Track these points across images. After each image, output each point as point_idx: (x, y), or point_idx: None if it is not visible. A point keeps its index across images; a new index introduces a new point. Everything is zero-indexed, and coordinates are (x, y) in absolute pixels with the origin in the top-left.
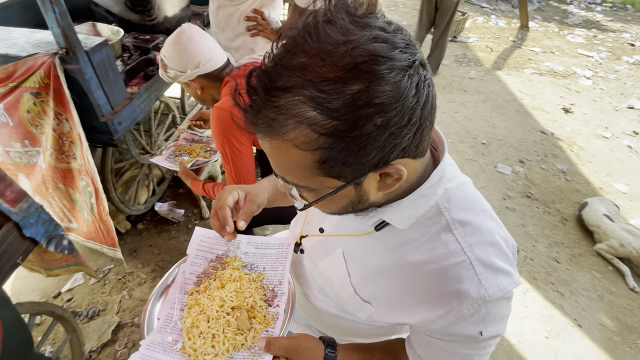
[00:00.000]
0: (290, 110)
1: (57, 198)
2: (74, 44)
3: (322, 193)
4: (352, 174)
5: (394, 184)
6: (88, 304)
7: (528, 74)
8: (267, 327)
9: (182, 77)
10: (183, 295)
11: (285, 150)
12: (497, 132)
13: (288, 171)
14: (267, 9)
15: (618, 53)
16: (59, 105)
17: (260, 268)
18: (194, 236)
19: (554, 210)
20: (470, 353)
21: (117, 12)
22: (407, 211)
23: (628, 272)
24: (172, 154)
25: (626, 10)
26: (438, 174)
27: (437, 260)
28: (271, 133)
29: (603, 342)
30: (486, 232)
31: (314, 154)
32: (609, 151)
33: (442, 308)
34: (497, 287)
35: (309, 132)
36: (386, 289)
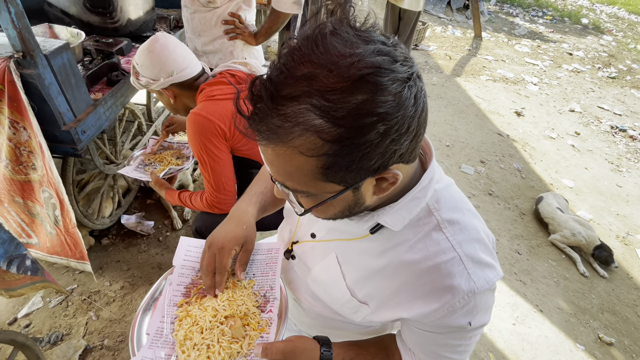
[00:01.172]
0: (296, 118)
1: (14, 212)
2: (32, 47)
3: (322, 198)
4: (353, 179)
5: (388, 187)
6: (49, 329)
7: (483, 81)
8: (261, 333)
9: (154, 85)
10: (172, 307)
11: (289, 157)
12: (459, 135)
13: (289, 177)
14: (243, 12)
15: (559, 61)
16: (15, 112)
17: (250, 274)
18: (180, 246)
19: (513, 206)
20: (459, 343)
21: (75, 14)
22: (400, 214)
23: (578, 259)
24: (142, 163)
25: (564, 22)
26: (428, 176)
27: (430, 258)
28: (276, 140)
29: (561, 324)
30: (472, 229)
31: (318, 160)
32: (556, 150)
33: (436, 302)
34: (484, 280)
35: (315, 139)
36: (383, 289)
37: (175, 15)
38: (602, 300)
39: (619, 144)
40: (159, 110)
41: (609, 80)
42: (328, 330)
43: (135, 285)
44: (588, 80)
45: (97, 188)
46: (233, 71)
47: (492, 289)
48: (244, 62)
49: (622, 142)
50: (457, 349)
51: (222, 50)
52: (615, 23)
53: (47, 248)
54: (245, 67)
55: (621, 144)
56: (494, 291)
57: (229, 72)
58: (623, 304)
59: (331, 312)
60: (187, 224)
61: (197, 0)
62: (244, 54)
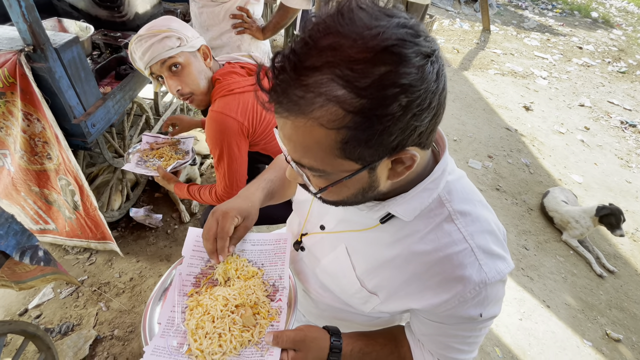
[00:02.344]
0: (319, 88)
1: (31, 201)
2: (43, 41)
3: (337, 177)
4: (371, 156)
5: (403, 172)
6: (60, 320)
7: (492, 74)
8: (271, 321)
9: (195, 41)
10: (182, 297)
11: (309, 130)
12: (466, 130)
13: (306, 153)
14: (251, 6)
15: (569, 55)
16: (29, 105)
17: (259, 264)
18: (189, 237)
19: (520, 201)
20: (469, 334)
21: (83, 8)
22: (412, 204)
23: (593, 260)
24: (141, 159)
25: (574, 16)
26: (440, 167)
27: (441, 249)
28: (297, 112)
29: (569, 320)
30: (484, 221)
31: (338, 133)
32: (565, 145)
33: (447, 293)
34: (496, 271)
35: (337, 109)
36: (393, 279)
37: (182, 9)
38: (610, 297)
39: (628, 140)
40: (167, 105)
41: (618, 75)
42: (337, 322)
43: (144, 277)
44: (598, 75)
45: (106, 181)
46: (242, 63)
47: (503, 281)
48: (248, 54)
49: (632, 137)
50: (466, 341)
51: (230, 44)
52: (624, 17)
53: (67, 232)
54: (250, 59)
55: (631, 139)
56: (505, 283)
57: (238, 63)
58: (631, 301)
59: (340, 302)
60: (194, 217)
61: None
62: (251, 48)
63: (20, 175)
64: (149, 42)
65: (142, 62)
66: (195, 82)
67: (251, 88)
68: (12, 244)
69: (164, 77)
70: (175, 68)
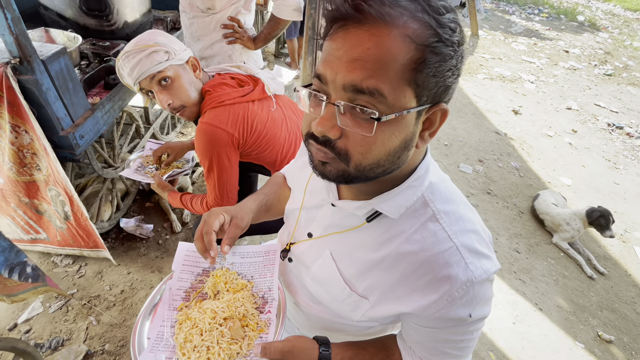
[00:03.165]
0: (410, 5)
1: (21, 211)
2: (29, 53)
3: (393, 110)
4: (427, 94)
5: (427, 139)
6: (50, 334)
7: (481, 79)
8: (260, 333)
9: (183, 54)
10: (172, 311)
11: (392, 41)
12: (457, 134)
13: (378, 69)
14: (242, 16)
15: (555, 59)
16: (16, 117)
17: (248, 276)
18: (179, 251)
19: (511, 205)
20: (460, 338)
21: (71, 17)
22: (397, 201)
23: (583, 262)
24: (141, 166)
25: (560, 20)
26: (424, 167)
27: (427, 249)
28: (387, 19)
29: (561, 322)
30: (467, 220)
31: (417, 50)
32: (554, 148)
33: (435, 293)
34: (482, 270)
35: (425, 27)
36: (382, 281)
37: (172, 17)
38: (601, 298)
39: (615, 142)
40: (157, 113)
41: (605, 78)
42: (329, 333)
43: (135, 289)
44: (584, 78)
45: (96, 192)
46: (232, 74)
47: (490, 280)
48: (237, 65)
49: (619, 139)
50: (458, 345)
51: (221, 54)
52: (611, 20)
53: (58, 241)
54: (240, 69)
55: (618, 141)
56: (492, 283)
57: (229, 74)
58: (622, 302)
59: (331, 314)
60: (186, 227)
61: (196, 7)
62: (242, 58)
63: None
64: (137, 57)
65: (131, 77)
66: (185, 95)
67: (242, 99)
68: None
69: (154, 92)
70: (165, 82)
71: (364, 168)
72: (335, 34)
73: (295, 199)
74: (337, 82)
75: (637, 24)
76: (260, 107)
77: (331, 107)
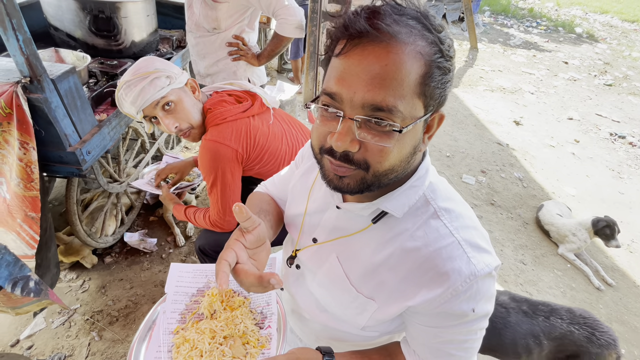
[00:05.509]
0: (416, 25)
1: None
2: (39, 72)
3: (407, 122)
4: (433, 102)
5: (427, 142)
6: (52, 350)
7: (481, 91)
8: (262, 349)
9: (182, 77)
10: (168, 335)
11: (406, 57)
12: (459, 145)
13: (397, 87)
14: (247, 35)
15: (555, 70)
16: (25, 134)
17: (245, 293)
18: (171, 274)
19: (515, 216)
20: (464, 338)
21: (80, 37)
22: (400, 200)
23: (590, 273)
24: (153, 179)
25: (558, 32)
26: (424, 167)
27: (430, 244)
28: (400, 36)
29: None
30: (467, 217)
31: (426, 66)
32: (557, 158)
33: (439, 287)
34: (484, 264)
35: (431, 44)
36: (388, 281)
37: (178, 35)
38: (610, 310)
39: (618, 151)
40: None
41: (605, 88)
42: (335, 343)
43: (138, 303)
44: (585, 88)
45: (101, 206)
46: (229, 91)
47: (492, 276)
48: (230, 82)
49: (622, 148)
50: (463, 346)
51: (226, 70)
52: (609, 31)
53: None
54: (233, 86)
55: (621, 150)
56: (495, 280)
57: (226, 92)
58: (631, 313)
59: (336, 321)
60: (189, 241)
61: (203, 27)
62: (246, 74)
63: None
64: (139, 86)
65: (135, 106)
66: (190, 116)
67: (243, 115)
68: (4, 275)
69: (159, 117)
70: (169, 106)
71: (381, 175)
72: (351, 51)
73: (297, 205)
74: (356, 101)
75: (635, 35)
76: (260, 121)
77: (348, 122)
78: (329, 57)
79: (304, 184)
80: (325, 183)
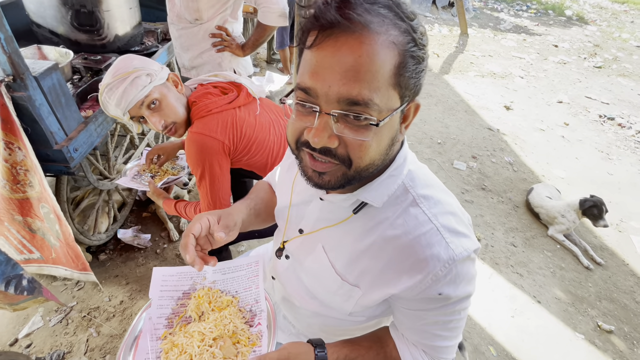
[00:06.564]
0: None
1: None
2: (22, 70)
3: (384, 115)
4: (409, 92)
5: (403, 132)
6: (51, 348)
7: (472, 76)
8: (253, 347)
9: (163, 72)
10: (156, 342)
11: (380, 48)
12: (450, 132)
13: (372, 80)
14: (230, 25)
15: (545, 54)
16: (10, 134)
17: (233, 292)
18: (154, 278)
19: (506, 199)
20: (448, 319)
21: (63, 33)
22: (379, 190)
23: (579, 253)
24: (138, 174)
25: (548, 15)
26: (402, 156)
27: (410, 232)
28: (372, 26)
29: (559, 313)
30: (445, 203)
31: (400, 55)
32: (546, 142)
33: (420, 273)
34: (462, 248)
35: (403, 33)
36: (371, 268)
37: (162, 28)
38: (599, 288)
39: (607, 132)
40: None
41: (595, 70)
42: (326, 328)
43: (134, 299)
44: (574, 71)
45: (92, 204)
46: (213, 83)
47: (471, 259)
48: (214, 74)
49: (611, 130)
50: (448, 326)
51: (211, 62)
52: (599, 13)
53: (53, 259)
54: (217, 77)
55: (610, 132)
56: (474, 262)
57: (210, 84)
58: (620, 291)
59: (325, 308)
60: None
61: (184, 18)
62: (232, 65)
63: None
64: (120, 87)
65: (120, 108)
66: (175, 111)
67: (229, 106)
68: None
69: (146, 117)
70: (154, 104)
71: (362, 170)
72: (323, 43)
73: (283, 198)
74: (331, 95)
75: (624, 16)
76: (246, 112)
77: (325, 117)
78: (301, 49)
79: (288, 177)
80: (305, 180)
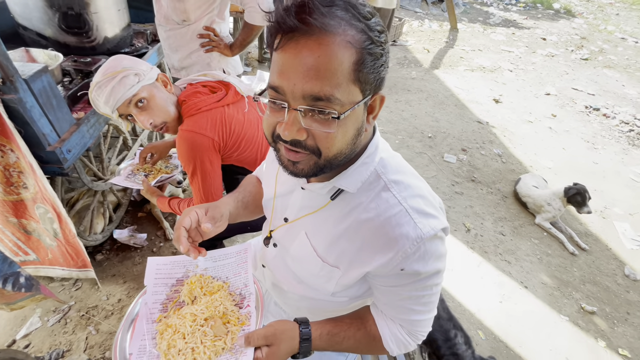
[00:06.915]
0: (344, 15)
1: (9, 232)
2: (11, 73)
3: (347, 108)
4: (370, 87)
5: (371, 122)
6: (50, 347)
7: (461, 71)
8: (242, 326)
9: (152, 72)
10: (151, 324)
11: (337, 47)
12: (440, 126)
13: (331, 77)
14: (217, 25)
15: (533, 47)
16: (1, 136)
17: (223, 278)
18: (148, 267)
19: (495, 190)
20: (421, 293)
21: (51, 35)
22: (353, 176)
23: (565, 239)
24: (131, 174)
25: (537, 8)
26: (373, 145)
27: (381, 214)
28: (331, 28)
29: (546, 298)
30: (415, 187)
31: (357, 53)
32: (534, 133)
33: (391, 251)
34: (430, 227)
35: (360, 32)
36: (348, 249)
37: (152, 29)
38: (583, 273)
39: (593, 123)
40: None
41: (581, 62)
42: (314, 310)
43: (132, 297)
44: (562, 63)
45: (87, 205)
46: (202, 82)
47: (439, 237)
48: (203, 73)
49: (597, 120)
50: (421, 301)
51: (200, 62)
52: (585, 6)
53: (49, 260)
54: (206, 77)
55: (595, 122)
56: (443, 240)
57: (200, 83)
58: (603, 274)
59: (311, 291)
60: None
61: (172, 19)
62: (221, 65)
63: None
64: (109, 86)
65: (109, 106)
66: (164, 111)
67: (218, 104)
68: None
69: (134, 115)
70: (142, 103)
71: (331, 159)
72: (287, 45)
73: (269, 189)
74: (296, 93)
75: (610, 8)
76: (235, 110)
77: (293, 112)
78: (271, 51)
79: (272, 169)
80: (282, 169)
